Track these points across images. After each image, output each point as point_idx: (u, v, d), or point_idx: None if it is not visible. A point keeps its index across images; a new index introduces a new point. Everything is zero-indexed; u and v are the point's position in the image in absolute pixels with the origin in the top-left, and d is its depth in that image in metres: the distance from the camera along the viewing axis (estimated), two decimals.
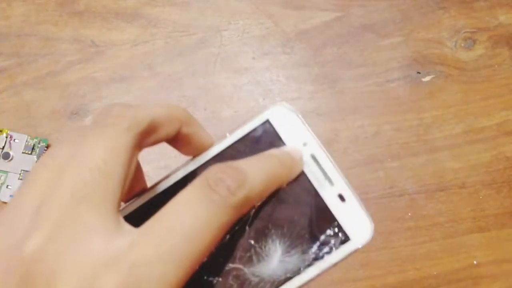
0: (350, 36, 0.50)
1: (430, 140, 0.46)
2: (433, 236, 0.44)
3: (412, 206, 0.44)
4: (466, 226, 0.44)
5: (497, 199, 0.45)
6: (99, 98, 0.47)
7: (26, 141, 0.45)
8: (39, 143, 0.45)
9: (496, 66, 0.49)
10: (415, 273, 0.43)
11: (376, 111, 0.47)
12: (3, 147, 0.45)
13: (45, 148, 0.45)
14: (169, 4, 0.50)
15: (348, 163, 0.45)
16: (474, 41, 0.49)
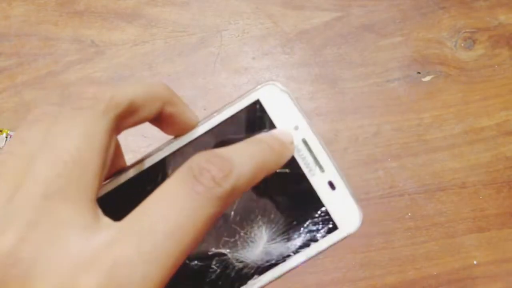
0: (350, 36, 0.50)
1: (430, 140, 0.46)
2: (433, 236, 0.44)
3: (412, 206, 0.44)
4: (466, 226, 0.44)
5: (497, 199, 0.45)
6: None
7: None
8: None
9: (496, 66, 0.49)
10: (415, 273, 0.43)
11: (376, 111, 0.47)
12: (3, 147, 0.45)
13: None
14: (169, 4, 0.50)
15: (348, 163, 0.45)
16: (474, 41, 0.49)
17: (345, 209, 0.21)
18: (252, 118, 0.21)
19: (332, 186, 0.21)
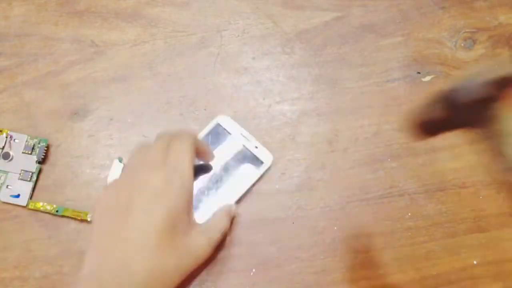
0: (350, 36, 0.50)
1: (430, 140, 0.46)
2: (433, 236, 0.44)
3: (412, 206, 0.44)
4: (466, 226, 0.44)
5: (497, 199, 0.45)
6: (99, 98, 0.47)
7: (26, 141, 0.45)
8: (39, 143, 0.45)
9: (496, 66, 0.49)
10: (415, 273, 0.43)
11: (376, 111, 0.47)
12: (3, 147, 0.45)
13: (45, 148, 0.45)
14: (169, 4, 0.50)
15: (348, 163, 0.45)
16: (474, 41, 0.49)
17: (265, 155, 0.45)
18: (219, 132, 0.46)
19: (256, 147, 0.45)
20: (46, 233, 0.43)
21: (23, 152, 0.45)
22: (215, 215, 0.40)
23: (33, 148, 0.45)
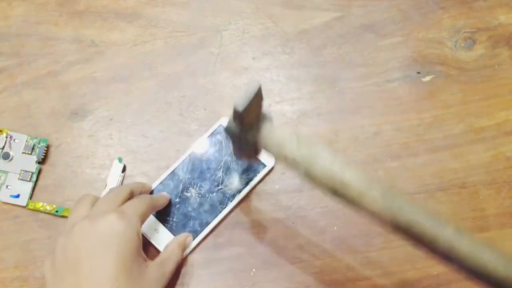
0: (350, 36, 0.50)
1: (430, 140, 0.46)
2: None
3: None
4: (466, 226, 0.44)
5: (497, 199, 0.45)
6: (99, 98, 0.47)
7: (26, 141, 0.45)
8: (39, 143, 0.45)
9: (496, 66, 0.49)
10: (415, 273, 0.43)
11: (376, 111, 0.47)
12: (3, 147, 0.45)
13: (45, 148, 0.45)
14: (169, 4, 0.50)
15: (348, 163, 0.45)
16: (474, 41, 0.49)
17: (267, 157, 0.44)
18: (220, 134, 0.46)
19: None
20: (46, 233, 0.43)
21: (23, 152, 0.45)
22: (167, 247, 0.41)
23: (33, 148, 0.45)
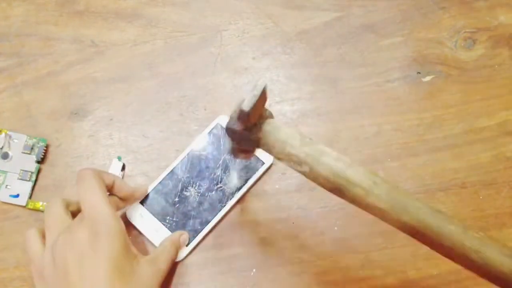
0: (350, 36, 0.50)
1: (430, 140, 0.46)
2: None
3: None
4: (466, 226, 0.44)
5: (497, 199, 0.45)
6: (99, 98, 0.47)
7: (25, 141, 0.45)
8: (38, 143, 0.45)
9: (496, 66, 0.49)
10: (415, 273, 0.43)
11: (376, 111, 0.47)
12: (2, 147, 0.45)
13: (44, 148, 0.45)
14: (169, 4, 0.50)
15: None
16: (474, 41, 0.49)
17: (266, 155, 0.43)
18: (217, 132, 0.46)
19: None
20: None
21: (22, 152, 0.45)
22: (160, 244, 0.41)
23: (32, 148, 0.45)
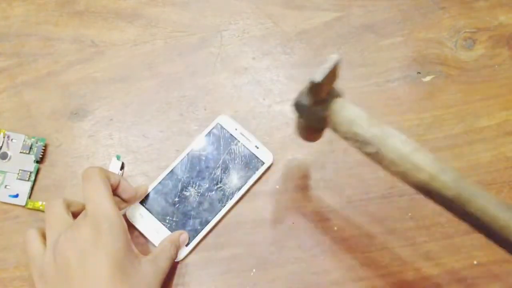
0: (350, 36, 0.50)
1: (430, 140, 0.46)
2: (433, 236, 0.44)
3: (413, 206, 0.44)
4: (466, 226, 0.44)
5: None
6: (99, 98, 0.47)
7: (24, 141, 0.45)
8: (36, 142, 0.45)
9: (496, 66, 0.49)
10: (415, 273, 0.43)
11: (376, 111, 0.47)
12: (1, 147, 0.45)
13: (43, 147, 0.45)
14: (169, 4, 0.50)
15: (349, 163, 0.45)
16: (474, 41, 0.49)
17: (265, 155, 0.45)
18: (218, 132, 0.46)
19: (257, 147, 0.45)
20: None
21: (21, 152, 0.45)
22: (160, 244, 0.41)
23: (30, 148, 0.45)
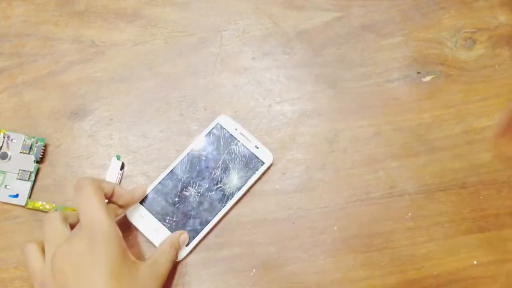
0: (350, 36, 0.50)
1: (430, 140, 0.46)
2: (433, 236, 0.44)
3: (412, 206, 0.44)
4: (466, 226, 0.44)
5: (497, 199, 0.45)
6: (99, 98, 0.47)
7: (24, 141, 0.45)
8: (36, 142, 0.45)
9: (496, 66, 0.49)
10: (415, 273, 0.43)
11: (376, 111, 0.47)
12: (1, 147, 0.45)
13: (43, 147, 0.45)
14: (169, 4, 0.50)
15: (348, 163, 0.45)
16: (474, 41, 0.49)
17: (265, 155, 0.45)
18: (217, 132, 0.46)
19: (256, 147, 0.45)
20: None
21: (20, 152, 0.45)
22: (159, 247, 0.41)
23: (30, 148, 0.45)
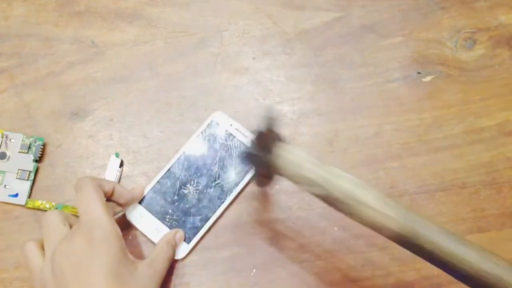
0: (350, 36, 0.50)
1: (430, 140, 0.46)
2: None
3: (413, 206, 0.44)
4: (466, 226, 0.44)
5: (497, 199, 0.45)
6: (99, 98, 0.47)
7: (22, 140, 0.45)
8: (35, 141, 0.45)
9: (496, 66, 0.49)
10: (415, 273, 0.43)
11: (376, 111, 0.47)
12: None
13: (42, 147, 0.45)
14: (169, 4, 0.50)
15: (349, 163, 0.45)
16: (474, 41, 0.49)
17: None
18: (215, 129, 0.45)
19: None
20: None
21: (19, 152, 0.45)
22: (156, 246, 0.41)
23: (29, 147, 0.45)
